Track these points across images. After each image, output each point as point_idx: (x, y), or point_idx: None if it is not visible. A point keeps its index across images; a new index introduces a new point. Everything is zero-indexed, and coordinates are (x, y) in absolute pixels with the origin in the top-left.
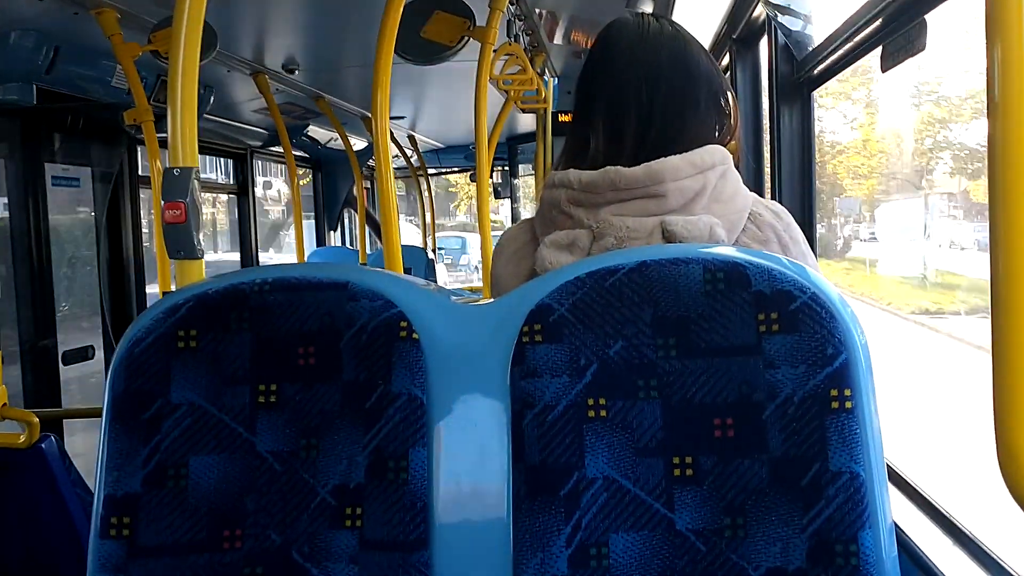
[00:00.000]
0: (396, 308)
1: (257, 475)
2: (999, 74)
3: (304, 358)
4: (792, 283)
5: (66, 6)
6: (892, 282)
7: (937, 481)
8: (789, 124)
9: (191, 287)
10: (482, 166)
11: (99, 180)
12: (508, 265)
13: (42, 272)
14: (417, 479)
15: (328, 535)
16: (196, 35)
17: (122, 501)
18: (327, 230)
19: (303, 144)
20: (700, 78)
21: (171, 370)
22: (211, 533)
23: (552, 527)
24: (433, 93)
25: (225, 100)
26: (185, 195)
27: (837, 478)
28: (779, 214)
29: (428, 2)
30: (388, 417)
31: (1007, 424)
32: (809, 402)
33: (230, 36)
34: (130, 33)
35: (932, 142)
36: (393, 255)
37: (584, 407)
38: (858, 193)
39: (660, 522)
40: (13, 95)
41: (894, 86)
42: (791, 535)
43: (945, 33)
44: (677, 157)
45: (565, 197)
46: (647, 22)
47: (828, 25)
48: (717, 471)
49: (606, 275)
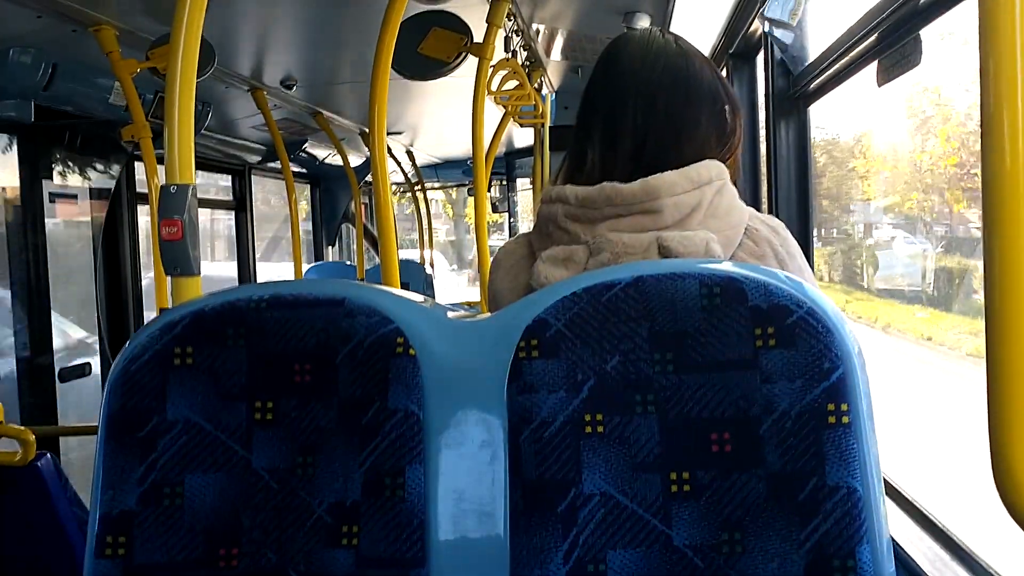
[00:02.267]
0: (393, 324)
1: (253, 493)
2: (993, 76)
3: (300, 374)
4: (788, 297)
5: (64, 23)
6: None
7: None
8: (786, 139)
9: (188, 304)
10: (480, 181)
11: (97, 196)
12: (505, 279)
13: (39, 288)
14: (414, 496)
15: (325, 553)
16: (194, 52)
17: (117, 520)
18: (325, 245)
19: (301, 160)
20: (702, 96)
21: (167, 387)
22: (207, 552)
23: (550, 544)
24: (431, 108)
25: (223, 116)
26: (182, 212)
27: (834, 493)
28: (776, 229)
29: (426, 18)
30: (385, 434)
31: (1002, 439)
32: (806, 417)
33: (228, 52)
34: (128, 50)
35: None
36: (390, 270)
37: (581, 423)
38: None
39: (658, 538)
40: (11, 112)
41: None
42: (789, 551)
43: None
44: (673, 173)
45: (562, 212)
46: (652, 38)
47: (823, 41)
48: (714, 486)
49: (603, 290)
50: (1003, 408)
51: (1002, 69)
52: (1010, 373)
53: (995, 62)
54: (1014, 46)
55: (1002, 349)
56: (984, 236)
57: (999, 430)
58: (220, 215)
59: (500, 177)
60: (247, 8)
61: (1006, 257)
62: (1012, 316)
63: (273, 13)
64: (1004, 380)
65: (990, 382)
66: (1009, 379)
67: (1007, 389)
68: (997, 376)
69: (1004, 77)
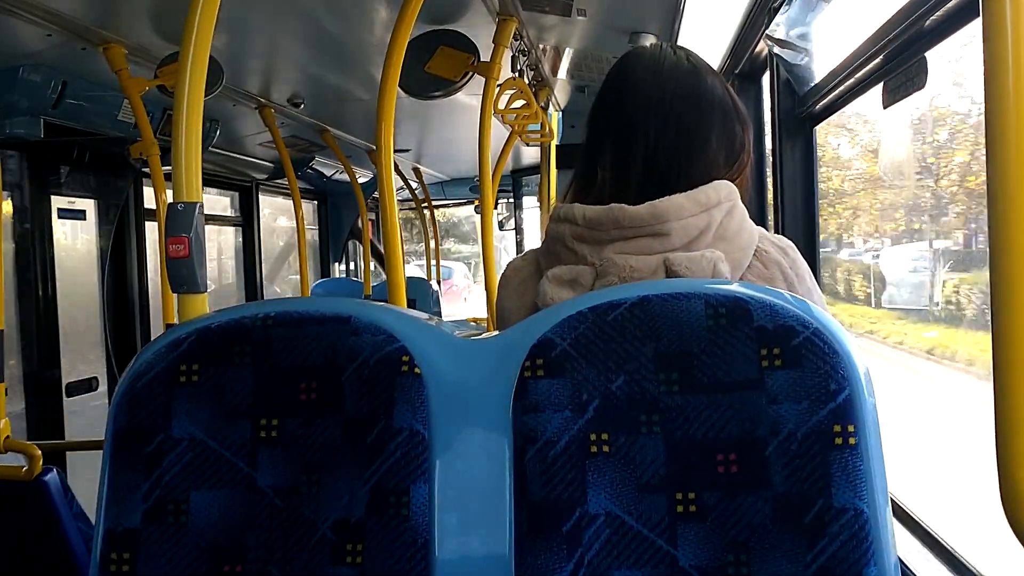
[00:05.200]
0: (399, 342)
1: (258, 510)
2: (996, 76)
3: (306, 392)
4: (795, 318)
5: (74, 41)
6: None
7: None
8: (792, 159)
9: (194, 321)
10: (487, 198)
11: (105, 213)
12: (513, 297)
13: (47, 303)
14: (418, 515)
15: (329, 571)
16: (202, 70)
17: (122, 536)
18: (332, 262)
19: (308, 176)
20: (714, 115)
21: (173, 404)
22: (211, 569)
23: (554, 564)
24: (438, 126)
25: (231, 133)
26: (189, 230)
27: (841, 515)
28: (785, 250)
29: (433, 38)
30: (389, 452)
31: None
32: (812, 438)
33: (236, 70)
34: (137, 68)
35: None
36: (397, 287)
37: (586, 442)
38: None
39: (663, 559)
40: (20, 129)
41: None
42: (795, 572)
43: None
44: (682, 196)
45: (569, 232)
46: (664, 55)
47: (829, 61)
48: (720, 507)
49: (608, 310)
50: (1009, 422)
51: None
52: (1017, 384)
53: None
54: (1020, 50)
55: (1008, 358)
56: (990, 242)
57: (1005, 443)
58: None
59: (507, 195)
60: (256, 27)
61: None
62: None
63: (281, 32)
64: (1010, 392)
65: (997, 393)
66: (1015, 390)
67: (1013, 401)
68: (1003, 388)
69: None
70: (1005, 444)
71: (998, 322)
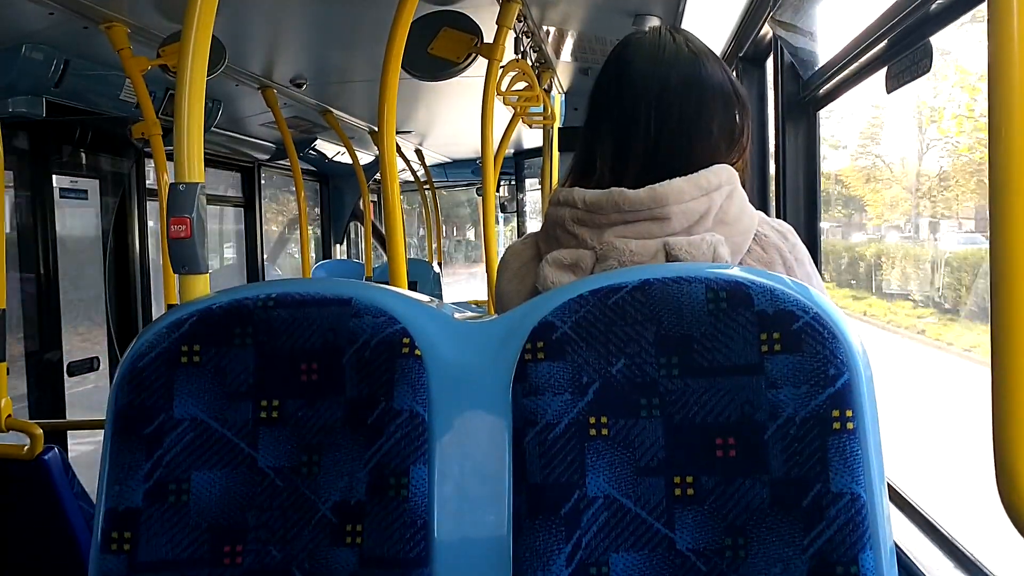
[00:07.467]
0: (399, 324)
1: (258, 491)
2: (1001, 72)
3: (307, 374)
4: (795, 303)
5: (76, 20)
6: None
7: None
8: (795, 143)
9: (195, 302)
10: (488, 181)
11: (107, 193)
12: (512, 281)
13: (48, 283)
14: (418, 496)
15: (328, 552)
16: (204, 49)
17: (123, 515)
18: (333, 243)
19: (310, 158)
20: (714, 100)
21: (174, 385)
22: (212, 549)
23: (552, 546)
24: (440, 108)
25: (233, 114)
26: (191, 210)
27: (838, 499)
28: (785, 235)
29: (436, 19)
30: (389, 434)
31: (1006, 443)
32: (811, 423)
33: (239, 50)
34: (139, 47)
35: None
36: (398, 269)
37: (586, 425)
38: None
39: (661, 542)
40: (22, 108)
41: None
42: (792, 556)
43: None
44: (682, 179)
45: (569, 216)
46: (664, 40)
47: (834, 46)
48: (718, 491)
49: (609, 293)
50: (1007, 412)
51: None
52: (1015, 377)
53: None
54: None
55: (1007, 352)
56: (991, 238)
57: (1003, 433)
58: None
59: (509, 177)
60: (258, 6)
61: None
62: (1018, 319)
63: (284, 12)
64: (1008, 384)
65: (994, 385)
66: (1014, 383)
67: (1011, 394)
68: (1001, 380)
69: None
70: (1002, 434)
71: (997, 316)
